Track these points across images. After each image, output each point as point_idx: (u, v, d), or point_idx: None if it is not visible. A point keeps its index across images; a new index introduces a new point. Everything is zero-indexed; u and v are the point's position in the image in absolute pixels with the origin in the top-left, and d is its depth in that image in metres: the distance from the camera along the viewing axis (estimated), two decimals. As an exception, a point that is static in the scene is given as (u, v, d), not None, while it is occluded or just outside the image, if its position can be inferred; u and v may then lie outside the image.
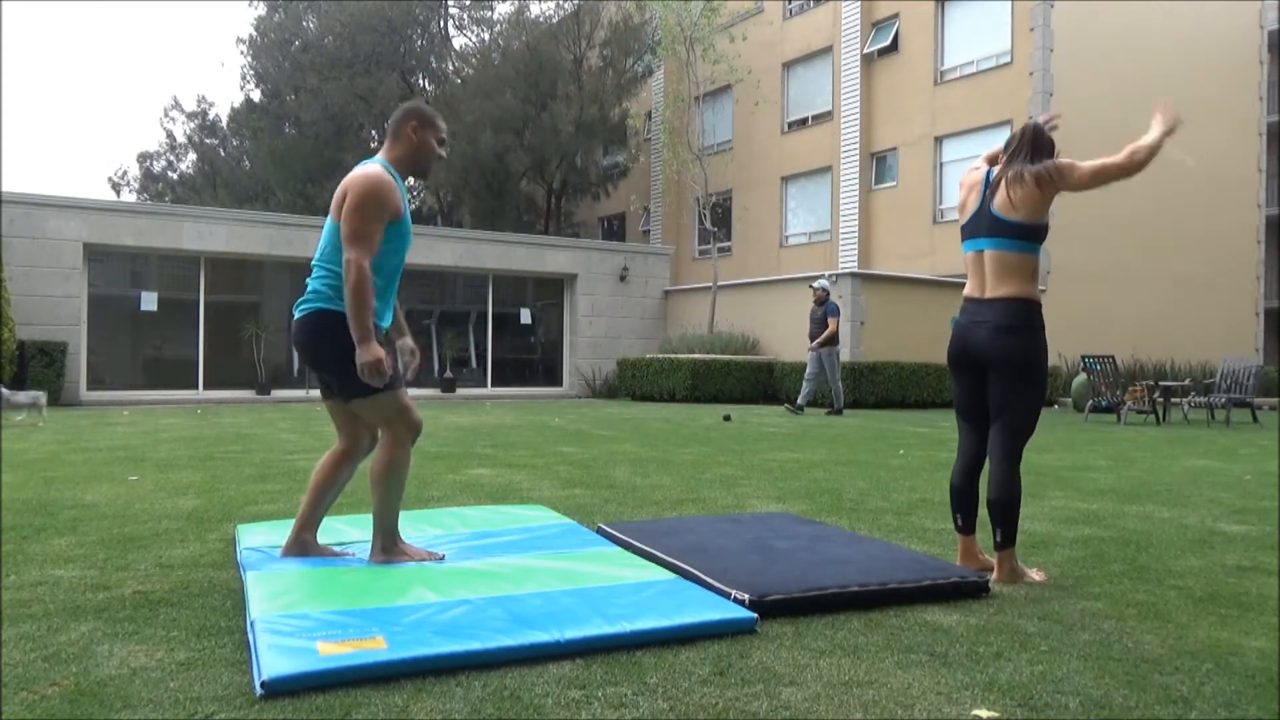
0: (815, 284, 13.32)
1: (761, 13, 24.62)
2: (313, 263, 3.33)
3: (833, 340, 12.93)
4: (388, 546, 3.33)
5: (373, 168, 3.23)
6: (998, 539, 3.27)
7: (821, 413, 13.38)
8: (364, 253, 3.11)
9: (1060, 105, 18.92)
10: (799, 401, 13.06)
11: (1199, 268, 21.18)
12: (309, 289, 3.29)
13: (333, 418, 3.42)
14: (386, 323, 3.37)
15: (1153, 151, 3.19)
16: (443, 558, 3.36)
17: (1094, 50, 19.40)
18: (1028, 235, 3.27)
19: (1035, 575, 3.31)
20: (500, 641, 2.37)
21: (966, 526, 3.40)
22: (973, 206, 3.41)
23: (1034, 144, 3.35)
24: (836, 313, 13.05)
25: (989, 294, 3.31)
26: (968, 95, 20.16)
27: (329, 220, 3.28)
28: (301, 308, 3.28)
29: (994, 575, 3.26)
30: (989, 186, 3.36)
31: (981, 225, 3.35)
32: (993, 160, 3.50)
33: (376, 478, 3.28)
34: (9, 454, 6.79)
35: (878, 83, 22.09)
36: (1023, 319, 3.25)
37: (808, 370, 13.13)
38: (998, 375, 3.30)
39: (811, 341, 13.07)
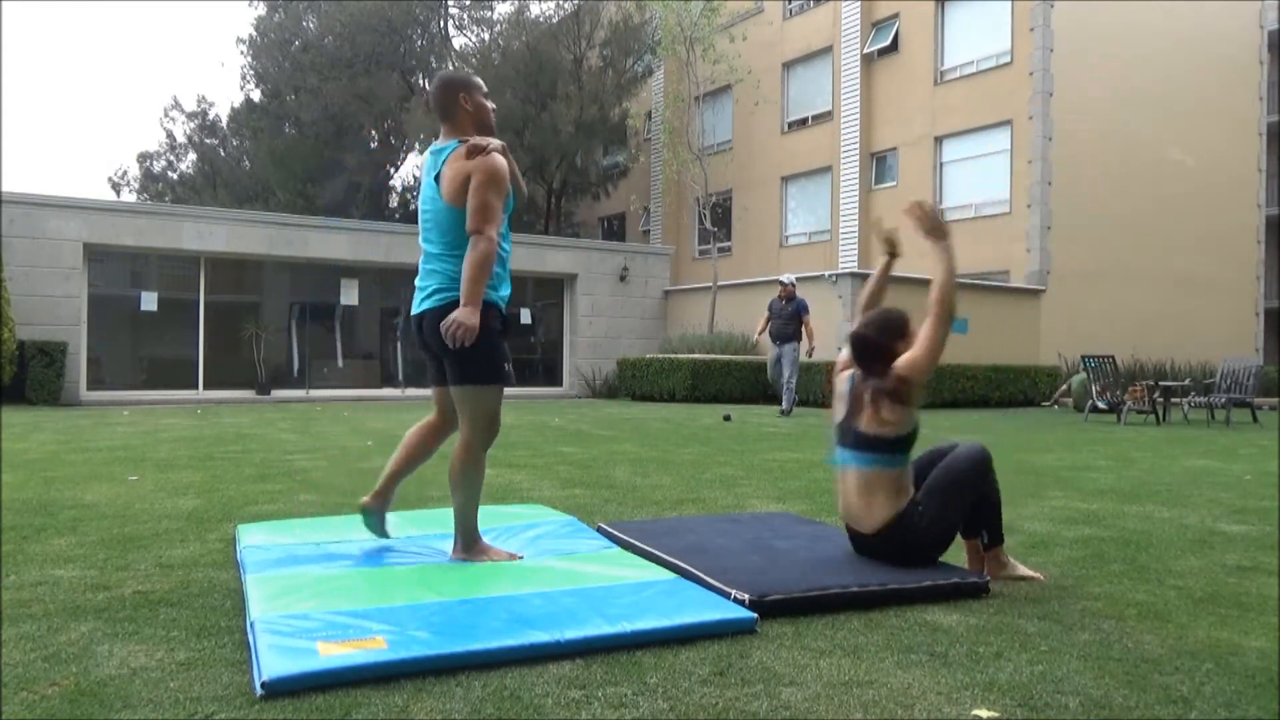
0: (785, 278, 13.01)
1: (761, 13, 24.63)
2: (433, 254, 3.32)
3: (809, 337, 12.70)
4: (468, 545, 3.39)
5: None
6: (984, 539, 3.29)
7: (792, 414, 12.92)
8: (494, 226, 3.16)
9: (1060, 105, 18.93)
10: (785, 407, 12.76)
11: (1199, 268, 21.18)
12: (436, 279, 3.29)
13: (436, 400, 3.54)
14: (507, 290, 3.40)
15: (950, 283, 3.18)
16: (521, 558, 3.41)
17: (1094, 50, 19.40)
18: (893, 448, 3.19)
19: (1027, 572, 3.31)
20: (500, 641, 2.37)
21: (968, 530, 3.40)
22: (839, 414, 3.33)
23: (873, 357, 3.23)
24: (808, 309, 12.81)
25: (867, 527, 3.21)
26: (968, 95, 20.17)
27: (443, 207, 3.26)
28: (433, 299, 3.29)
29: (986, 572, 3.28)
30: (851, 400, 3.27)
31: (847, 439, 3.27)
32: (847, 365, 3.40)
33: (454, 479, 3.35)
34: (9, 454, 6.79)
35: (878, 83, 22.09)
36: (905, 543, 3.18)
37: (779, 372, 12.73)
38: None
39: (774, 337, 12.72)
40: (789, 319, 12.67)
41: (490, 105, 3.42)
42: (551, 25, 26.54)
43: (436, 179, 3.29)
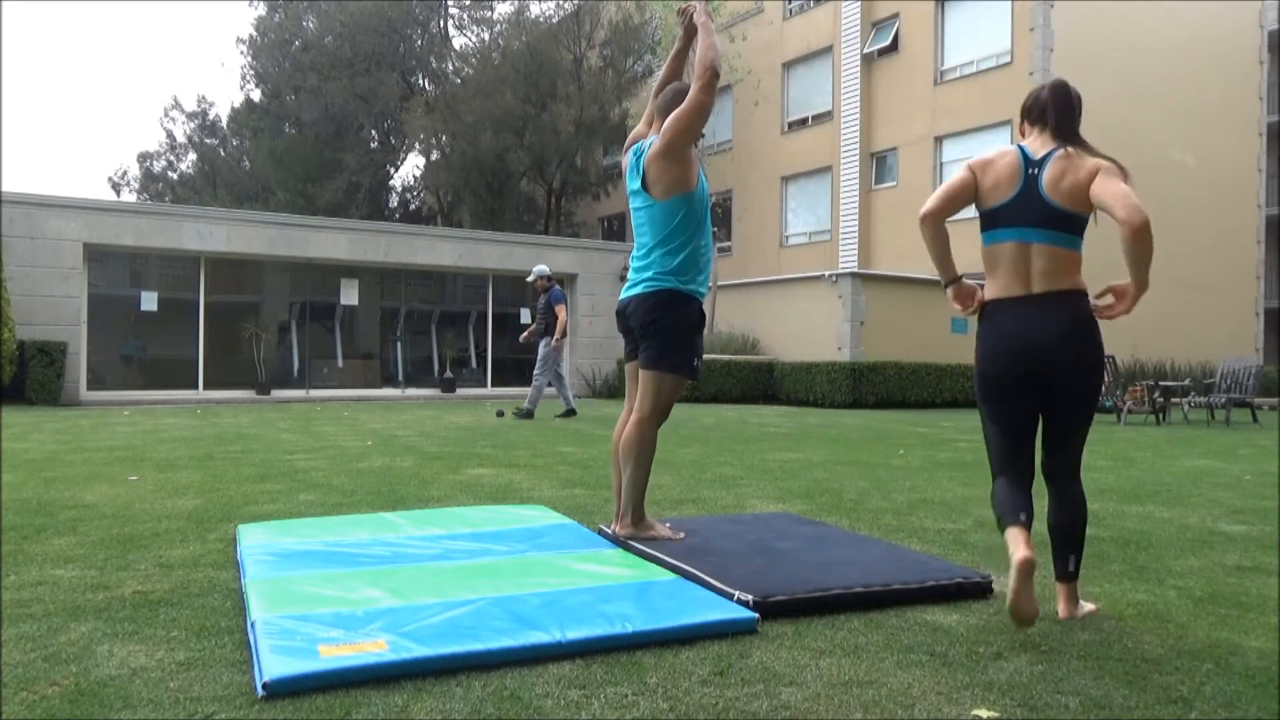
0: (533, 274, 11.47)
1: (761, 13, 24.63)
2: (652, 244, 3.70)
3: (561, 333, 11.22)
4: (636, 521, 3.63)
5: None
6: (1070, 567, 2.79)
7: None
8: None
9: (1060, 105, 18.90)
10: (566, 407, 11.67)
11: (1199, 268, 21.17)
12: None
13: (629, 382, 3.78)
14: (705, 288, 3.70)
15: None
16: (684, 538, 3.59)
17: (1094, 50, 19.39)
18: (1078, 228, 2.79)
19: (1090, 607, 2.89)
20: (500, 641, 2.37)
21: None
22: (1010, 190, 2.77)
23: (1074, 111, 2.78)
24: (563, 300, 11.39)
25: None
26: (968, 95, 20.16)
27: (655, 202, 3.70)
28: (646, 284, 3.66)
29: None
30: (1038, 165, 2.74)
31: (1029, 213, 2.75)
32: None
33: (626, 452, 3.60)
34: (9, 454, 6.79)
35: (878, 83, 22.09)
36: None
37: (552, 371, 11.41)
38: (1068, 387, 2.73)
39: (535, 335, 11.42)
40: (543, 313, 11.44)
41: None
42: (551, 25, 26.56)
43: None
